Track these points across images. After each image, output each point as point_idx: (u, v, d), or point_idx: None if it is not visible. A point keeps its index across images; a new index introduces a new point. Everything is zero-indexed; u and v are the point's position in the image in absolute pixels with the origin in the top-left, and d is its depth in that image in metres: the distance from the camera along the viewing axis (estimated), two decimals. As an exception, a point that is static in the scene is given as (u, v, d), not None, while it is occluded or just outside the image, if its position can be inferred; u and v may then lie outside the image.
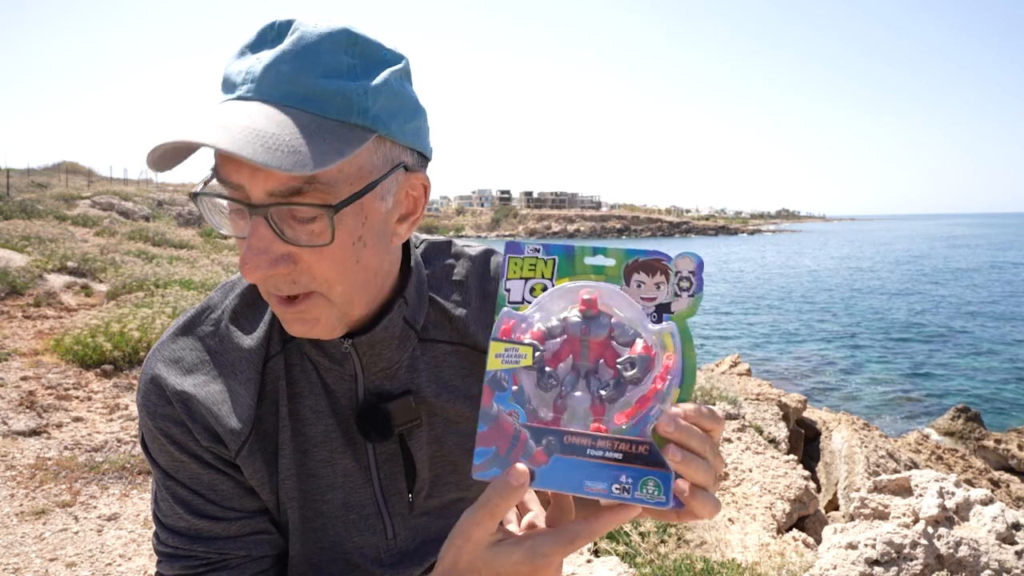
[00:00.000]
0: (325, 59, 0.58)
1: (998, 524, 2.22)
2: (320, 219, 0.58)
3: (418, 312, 0.75)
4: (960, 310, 25.57)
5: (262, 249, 0.58)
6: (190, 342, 0.73)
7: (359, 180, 0.60)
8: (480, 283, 0.81)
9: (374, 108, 0.60)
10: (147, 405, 0.71)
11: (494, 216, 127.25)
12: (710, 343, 19.42)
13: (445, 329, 0.78)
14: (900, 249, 71.61)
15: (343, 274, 0.62)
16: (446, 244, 0.85)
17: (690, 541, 3.47)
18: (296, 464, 0.73)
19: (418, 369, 0.75)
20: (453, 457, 0.77)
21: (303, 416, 0.73)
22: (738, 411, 5.75)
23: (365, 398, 0.73)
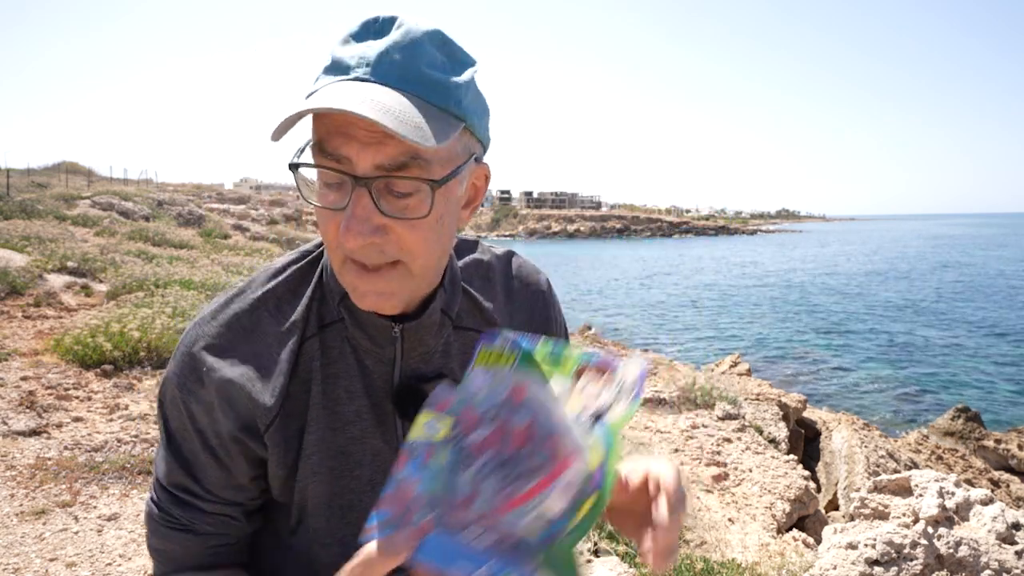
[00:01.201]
0: (428, 53, 0.64)
1: (998, 524, 2.22)
2: (416, 194, 0.64)
3: (452, 302, 0.80)
4: (960, 310, 25.57)
5: (364, 217, 0.62)
6: (229, 320, 0.76)
7: (449, 163, 0.65)
8: (504, 281, 0.88)
9: (465, 100, 0.66)
10: (179, 376, 0.75)
11: (494, 216, 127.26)
12: (710, 343, 19.43)
13: (476, 318, 0.83)
14: (900, 249, 71.63)
15: (427, 247, 0.67)
16: (474, 242, 0.91)
17: (690, 541, 3.48)
18: (325, 441, 0.76)
19: (451, 355, 0.80)
20: None
21: (337, 395, 0.76)
22: (738, 411, 5.76)
23: (403, 379, 0.77)
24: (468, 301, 0.83)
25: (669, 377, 6.78)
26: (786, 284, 36.34)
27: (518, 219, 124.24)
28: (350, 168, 0.62)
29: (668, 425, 5.43)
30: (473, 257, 0.88)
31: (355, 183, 0.62)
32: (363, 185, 0.62)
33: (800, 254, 65.77)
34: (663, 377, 6.88)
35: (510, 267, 0.90)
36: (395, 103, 0.60)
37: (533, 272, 0.92)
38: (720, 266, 51.64)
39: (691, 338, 20.44)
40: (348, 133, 0.61)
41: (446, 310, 0.79)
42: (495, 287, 0.87)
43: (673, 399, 5.90)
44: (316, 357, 0.76)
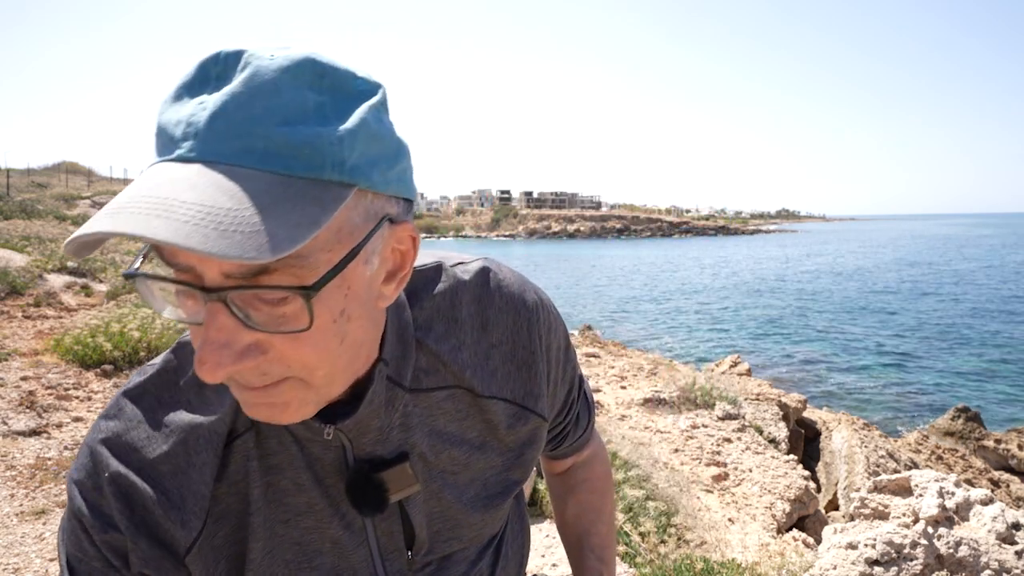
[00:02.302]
0: (287, 100, 0.46)
1: (998, 524, 2.22)
2: (293, 300, 0.47)
3: (403, 367, 0.64)
4: (961, 310, 25.58)
5: (223, 342, 0.46)
6: (141, 412, 0.61)
7: (339, 246, 0.48)
8: (477, 311, 0.71)
9: (352, 157, 0.47)
10: (78, 482, 0.60)
11: (494, 216, 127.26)
12: (710, 343, 19.43)
13: (439, 374, 0.67)
14: (900, 249, 71.66)
15: (325, 358, 0.51)
16: (435, 270, 0.71)
17: (690, 541, 3.47)
18: (276, 538, 0.64)
19: (411, 426, 0.66)
20: (452, 512, 0.70)
21: (283, 488, 0.63)
22: (738, 411, 5.76)
23: (355, 468, 0.63)
24: (426, 356, 0.67)
25: (669, 377, 6.78)
26: (786, 284, 36.35)
27: (518, 219, 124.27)
28: (196, 278, 0.46)
29: (668, 425, 5.43)
30: (433, 295, 0.69)
31: (206, 296, 0.46)
32: (216, 299, 0.46)
33: (800, 254, 65.79)
34: (663, 377, 6.88)
35: (486, 289, 0.72)
36: (222, 199, 0.42)
37: (516, 290, 0.73)
38: (720, 266, 51.65)
39: (691, 338, 20.45)
40: None
41: (396, 379, 0.63)
42: (463, 326, 0.69)
43: (673, 399, 5.90)
44: (252, 456, 0.62)
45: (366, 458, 0.63)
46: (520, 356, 0.72)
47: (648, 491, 3.70)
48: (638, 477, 3.82)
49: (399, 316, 0.64)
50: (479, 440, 0.70)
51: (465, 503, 0.70)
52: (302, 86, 0.47)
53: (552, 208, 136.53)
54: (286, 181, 0.45)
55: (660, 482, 3.94)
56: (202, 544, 0.60)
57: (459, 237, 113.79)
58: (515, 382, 0.71)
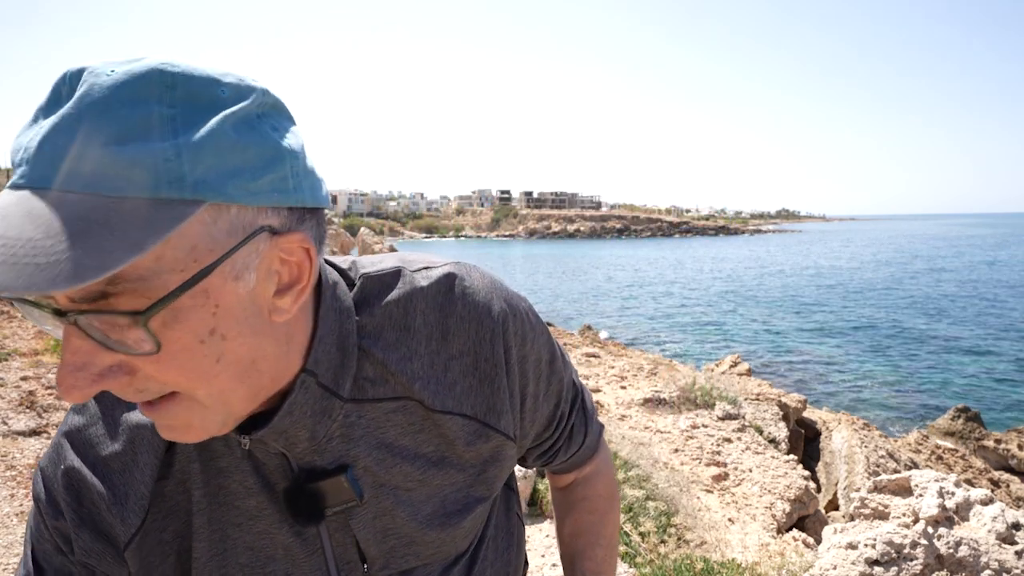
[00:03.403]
0: (122, 118, 0.44)
1: (998, 524, 2.22)
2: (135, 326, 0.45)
3: (342, 375, 0.62)
4: (961, 310, 25.58)
5: (80, 364, 0.46)
6: (100, 410, 0.64)
7: (195, 264, 0.46)
8: (437, 319, 0.67)
9: (196, 171, 0.45)
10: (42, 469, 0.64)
11: (494, 216, 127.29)
12: (710, 343, 19.44)
13: (386, 384, 0.65)
14: (900, 249, 71.66)
15: (199, 378, 0.49)
16: (392, 275, 0.68)
17: (690, 541, 3.47)
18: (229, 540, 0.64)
19: (354, 437, 0.63)
20: (407, 529, 0.67)
21: (233, 491, 0.63)
22: (738, 411, 5.76)
23: (293, 478, 0.62)
24: (373, 365, 0.64)
25: (669, 377, 6.78)
26: (786, 284, 36.35)
27: (518, 219, 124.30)
28: (51, 299, 0.45)
29: (668, 425, 5.43)
30: (386, 302, 0.66)
31: (58, 319, 0.45)
32: (67, 321, 0.45)
33: (800, 254, 65.79)
34: (663, 377, 6.88)
35: (448, 296, 0.68)
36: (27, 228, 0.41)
37: (482, 299, 0.69)
38: (720, 266, 51.65)
39: (691, 338, 20.45)
40: None
41: (332, 388, 0.61)
42: (416, 335, 0.66)
43: (673, 399, 5.90)
44: (194, 457, 0.62)
45: (306, 467, 0.62)
46: (483, 369, 0.67)
47: (648, 491, 3.70)
48: (638, 477, 3.82)
49: (340, 323, 0.62)
50: (436, 455, 0.66)
51: (421, 521, 0.67)
52: (145, 100, 0.44)
53: (552, 208, 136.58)
54: (113, 204, 0.42)
55: (660, 482, 3.94)
56: (142, 540, 0.62)
57: (459, 237, 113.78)
58: (476, 397, 0.67)
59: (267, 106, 0.51)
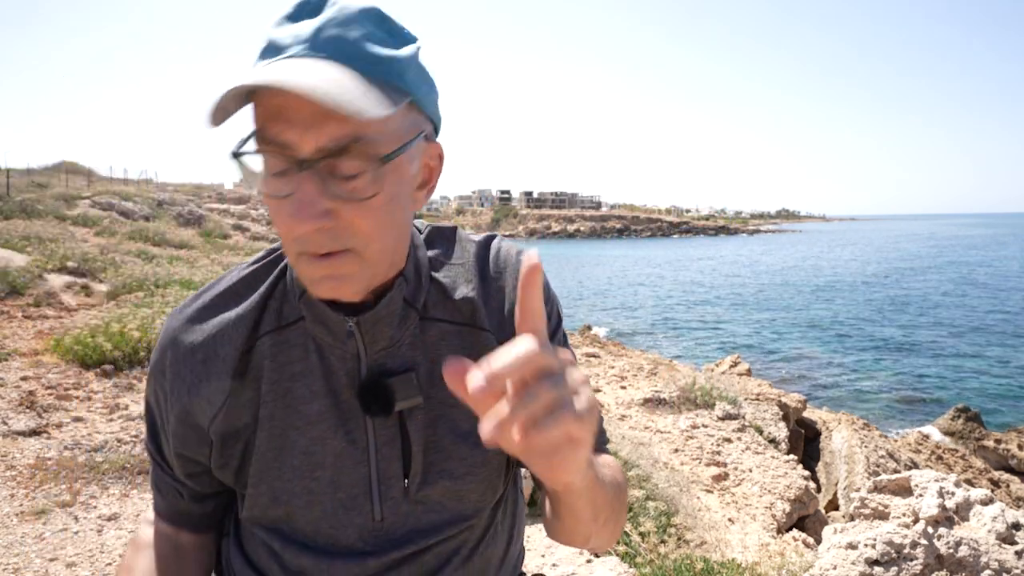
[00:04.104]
0: (366, 27, 0.63)
1: (998, 524, 2.22)
2: (363, 176, 0.61)
3: (418, 292, 0.76)
4: (960, 310, 25.57)
5: (309, 202, 0.60)
6: (191, 315, 0.78)
7: (396, 140, 0.63)
8: (480, 264, 0.82)
9: (408, 74, 0.64)
10: (152, 364, 0.81)
11: (494, 216, 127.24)
12: (710, 343, 19.43)
13: (447, 309, 0.78)
14: (900, 249, 71.62)
15: (381, 230, 0.64)
16: (450, 230, 0.86)
17: (690, 541, 3.47)
18: (287, 441, 0.75)
19: (419, 347, 0.76)
20: (445, 443, 0.77)
21: (299, 395, 0.75)
22: (738, 411, 5.76)
23: (368, 373, 0.74)
24: (437, 291, 0.79)
25: (669, 377, 6.78)
26: (786, 284, 36.34)
27: (518, 219, 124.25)
28: (293, 153, 0.60)
29: (668, 425, 5.43)
30: (446, 247, 0.83)
31: (299, 167, 0.60)
32: (307, 168, 0.59)
33: (800, 254, 65.77)
34: (663, 377, 6.88)
35: (487, 251, 0.83)
36: (331, 76, 0.58)
37: (512, 253, 0.84)
38: (720, 266, 51.63)
39: (691, 338, 20.45)
40: (287, 117, 0.59)
41: (410, 300, 0.75)
42: (468, 273, 0.81)
43: (673, 399, 5.90)
44: (267, 355, 0.75)
45: (377, 368, 0.74)
46: (513, 301, 0.78)
47: (648, 491, 3.70)
48: (638, 477, 3.82)
49: (416, 253, 0.77)
50: None
51: (458, 436, 0.76)
52: (373, 23, 0.64)
53: (552, 208, 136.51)
54: (366, 79, 0.60)
55: (660, 482, 3.94)
56: (223, 420, 0.75)
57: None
58: (507, 329, 0.77)
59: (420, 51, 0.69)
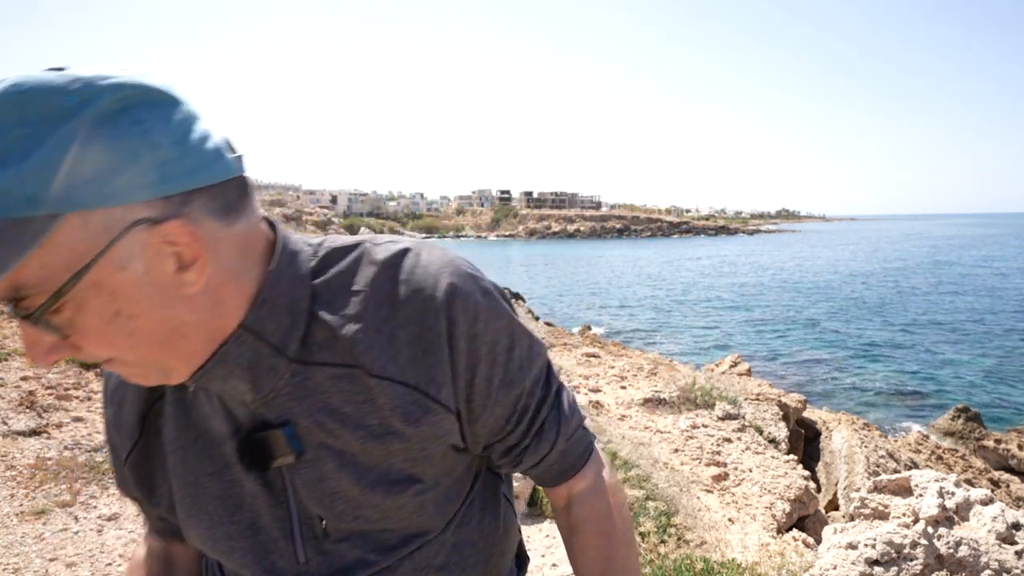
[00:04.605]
0: None
1: (998, 524, 2.22)
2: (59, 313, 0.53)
3: (290, 334, 0.66)
4: (961, 310, 25.58)
5: (32, 343, 0.55)
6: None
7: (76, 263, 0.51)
8: (387, 289, 0.68)
9: (51, 188, 0.48)
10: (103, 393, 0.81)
11: (494, 216, 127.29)
12: (710, 343, 19.44)
13: (336, 350, 0.67)
14: (900, 249, 71.66)
15: (122, 349, 0.57)
16: (351, 247, 0.71)
17: (690, 541, 3.47)
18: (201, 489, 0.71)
19: (300, 397, 0.67)
20: (352, 492, 0.70)
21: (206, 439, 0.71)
22: (738, 411, 5.76)
23: (242, 426, 0.68)
24: (321, 329, 0.67)
25: (669, 377, 6.78)
26: (786, 284, 36.35)
27: (518, 219, 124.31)
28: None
29: (668, 425, 5.43)
30: (339, 269, 0.69)
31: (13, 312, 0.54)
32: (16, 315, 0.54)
33: (800, 253, 65.80)
34: (663, 377, 6.88)
35: (398, 271, 0.69)
36: None
37: (432, 271, 0.69)
38: (720, 266, 51.65)
39: (691, 338, 20.45)
40: None
41: (279, 345, 0.65)
42: (366, 302, 0.68)
43: (673, 399, 5.90)
44: (171, 401, 0.72)
45: (258, 419, 0.68)
46: (427, 339, 0.67)
47: (648, 491, 3.70)
48: (638, 477, 3.82)
49: (293, 288, 0.66)
50: (379, 429, 0.67)
51: (365, 485, 0.69)
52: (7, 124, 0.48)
53: (552, 208, 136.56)
54: None
55: (660, 482, 3.94)
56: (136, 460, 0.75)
57: (459, 237, 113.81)
58: (419, 368, 0.67)
59: (126, 100, 0.52)
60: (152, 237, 0.54)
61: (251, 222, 0.62)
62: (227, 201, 0.58)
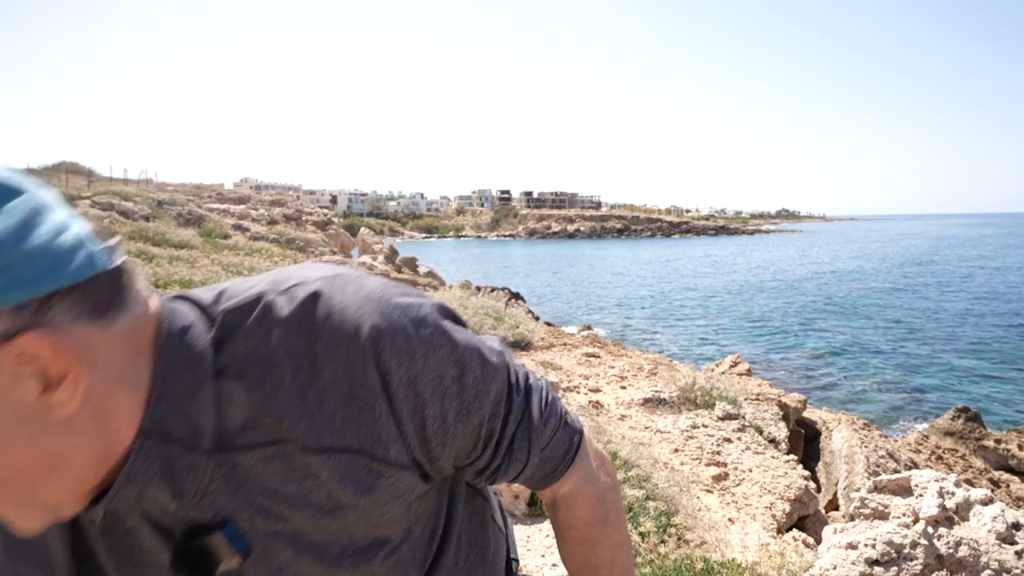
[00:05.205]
0: None
1: (998, 524, 2.22)
2: None
3: (200, 426, 0.57)
4: (960, 310, 25.58)
5: None
6: None
7: None
8: (306, 346, 0.59)
9: None
10: None
11: (494, 216, 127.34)
12: (710, 343, 19.44)
13: (257, 429, 0.58)
14: (900, 249, 71.69)
15: None
16: (253, 304, 0.60)
17: (690, 541, 3.47)
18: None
19: (235, 489, 0.59)
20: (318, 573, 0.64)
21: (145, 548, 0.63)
22: (738, 411, 5.76)
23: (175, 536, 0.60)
24: (235, 410, 0.58)
25: (669, 377, 6.78)
26: (786, 284, 36.36)
27: (518, 219, 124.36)
28: None
29: (668, 425, 5.43)
30: (243, 333, 0.59)
31: None
32: None
33: (800, 253, 65.82)
34: (663, 377, 6.88)
35: (315, 319, 0.59)
36: None
37: (351, 316, 0.60)
38: (720, 265, 51.67)
39: (691, 338, 20.46)
40: None
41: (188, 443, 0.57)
42: (282, 368, 0.58)
43: (673, 399, 5.90)
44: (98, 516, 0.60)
45: (192, 524, 0.59)
46: (359, 397, 0.59)
47: (648, 491, 3.70)
48: (638, 477, 3.82)
49: (192, 372, 0.57)
50: (328, 504, 0.61)
51: (330, 562, 0.63)
52: None
53: (552, 208, 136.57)
54: None
55: (660, 482, 3.94)
56: None
57: (459, 237, 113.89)
58: (358, 427, 0.60)
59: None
60: (4, 356, 0.46)
61: (136, 313, 0.54)
62: (99, 300, 0.51)
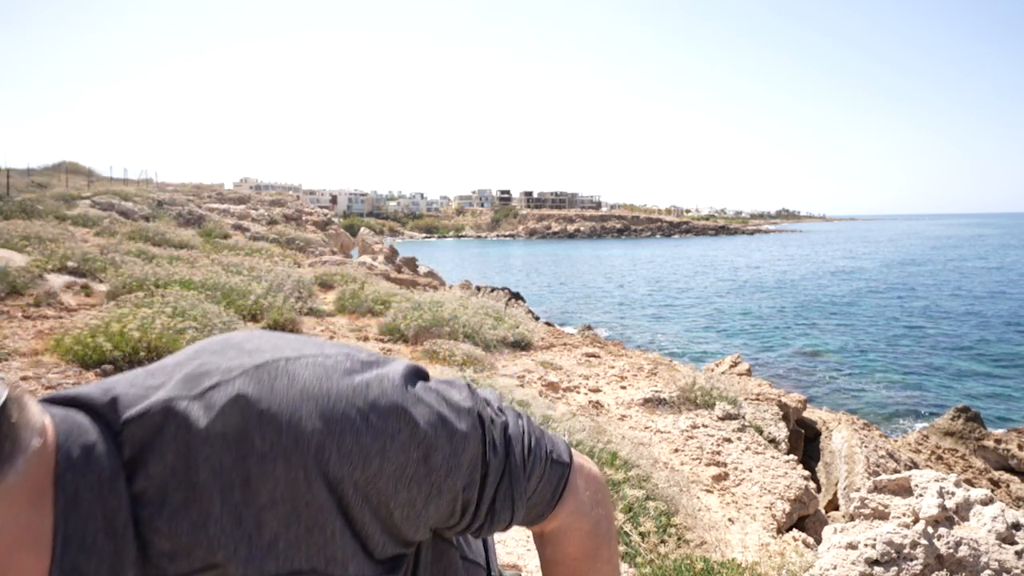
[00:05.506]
0: None
1: (998, 524, 2.22)
2: None
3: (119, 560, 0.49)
4: (960, 310, 25.58)
5: None
6: None
7: None
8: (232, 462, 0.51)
9: None
10: None
11: (494, 216, 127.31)
12: (710, 343, 19.44)
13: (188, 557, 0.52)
14: (900, 249, 71.67)
15: None
16: (162, 415, 0.52)
17: (690, 541, 3.47)
18: None
19: None
20: None
21: None
22: (738, 411, 5.76)
23: None
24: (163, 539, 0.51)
25: (669, 377, 6.78)
26: (786, 284, 36.36)
27: (518, 219, 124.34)
28: None
29: (668, 425, 5.43)
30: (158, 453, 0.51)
31: None
32: None
33: (800, 253, 65.80)
34: (663, 377, 6.88)
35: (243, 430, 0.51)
36: None
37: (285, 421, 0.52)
38: (720, 265, 51.65)
39: (691, 338, 20.46)
40: None
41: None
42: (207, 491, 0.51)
43: (673, 399, 5.90)
44: None
45: None
46: (307, 516, 0.53)
47: (648, 491, 3.70)
48: (638, 477, 3.82)
49: (103, 502, 0.49)
50: None
51: None
52: None
53: (552, 208, 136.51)
54: None
55: (660, 482, 3.94)
56: None
57: (459, 237, 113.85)
58: (309, 547, 0.53)
59: None
60: None
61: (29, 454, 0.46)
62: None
